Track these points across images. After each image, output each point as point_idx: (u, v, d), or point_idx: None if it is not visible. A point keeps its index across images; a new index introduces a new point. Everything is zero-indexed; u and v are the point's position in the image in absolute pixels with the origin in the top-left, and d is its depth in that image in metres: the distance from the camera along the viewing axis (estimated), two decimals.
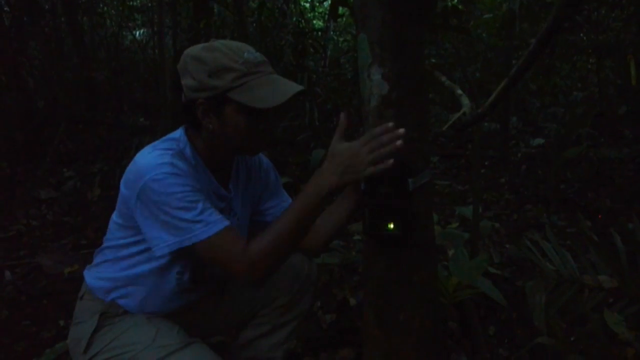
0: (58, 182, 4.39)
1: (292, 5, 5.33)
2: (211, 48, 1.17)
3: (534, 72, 5.35)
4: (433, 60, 5.25)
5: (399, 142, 1.01)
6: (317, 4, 7.27)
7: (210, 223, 1.12)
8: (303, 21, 5.55)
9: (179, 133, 1.26)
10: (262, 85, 1.15)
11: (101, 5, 7.49)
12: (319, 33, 5.63)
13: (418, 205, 1.14)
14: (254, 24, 5.38)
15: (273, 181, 1.49)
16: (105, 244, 1.33)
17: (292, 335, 1.56)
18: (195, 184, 1.15)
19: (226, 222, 1.14)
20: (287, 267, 1.48)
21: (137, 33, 8.42)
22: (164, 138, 1.26)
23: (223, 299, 1.49)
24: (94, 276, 1.32)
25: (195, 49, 1.19)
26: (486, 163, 4.53)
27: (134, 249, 1.26)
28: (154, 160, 1.14)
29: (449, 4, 1.45)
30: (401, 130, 1.02)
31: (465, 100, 1.36)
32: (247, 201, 1.43)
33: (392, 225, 1.09)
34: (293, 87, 1.17)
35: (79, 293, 1.36)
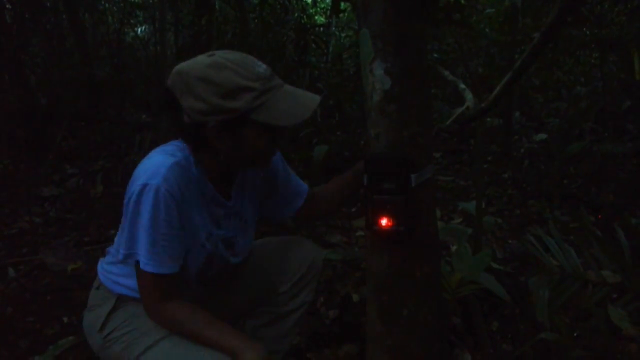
0: (61, 179, 4.39)
1: (294, 1, 5.31)
2: (217, 66, 1.09)
3: (536, 67, 5.33)
4: (435, 55, 5.22)
5: None
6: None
7: (152, 261, 1.13)
8: (305, 17, 5.53)
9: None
10: (281, 101, 1.12)
11: (103, 2, 7.48)
12: (321, 29, 5.61)
13: (421, 201, 1.14)
14: (256, 20, 5.37)
15: (282, 171, 1.48)
16: (116, 240, 1.33)
17: (295, 328, 1.56)
18: (176, 215, 1.14)
19: (166, 270, 1.15)
20: (294, 255, 1.50)
21: (139, 30, 8.42)
22: (173, 141, 1.25)
23: (231, 288, 1.49)
24: (106, 275, 1.33)
25: (197, 68, 1.10)
26: (489, 158, 4.51)
27: None
28: (153, 168, 1.14)
29: None
30: None
31: (469, 95, 1.36)
32: (253, 199, 1.43)
33: (394, 221, 1.08)
34: (313, 99, 1.16)
35: (94, 283, 1.37)
